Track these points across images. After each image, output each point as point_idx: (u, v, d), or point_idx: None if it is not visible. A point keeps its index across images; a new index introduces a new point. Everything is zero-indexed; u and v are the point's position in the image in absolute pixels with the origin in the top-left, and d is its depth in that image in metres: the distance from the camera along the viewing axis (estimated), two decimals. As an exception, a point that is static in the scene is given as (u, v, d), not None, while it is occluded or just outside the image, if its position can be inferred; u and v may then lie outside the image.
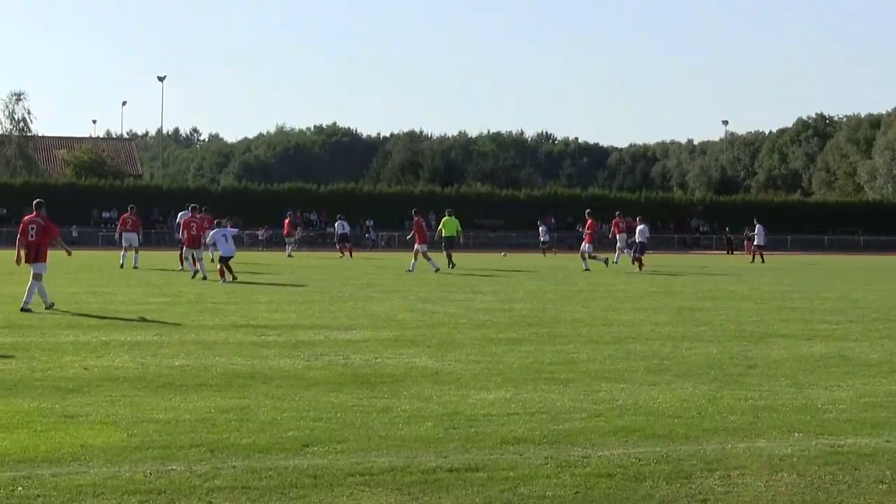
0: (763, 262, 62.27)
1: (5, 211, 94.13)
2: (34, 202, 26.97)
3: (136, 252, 45.91)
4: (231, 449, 10.48)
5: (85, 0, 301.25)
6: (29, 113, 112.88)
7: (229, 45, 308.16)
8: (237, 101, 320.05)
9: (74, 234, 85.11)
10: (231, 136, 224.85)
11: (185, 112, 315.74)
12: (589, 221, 49.96)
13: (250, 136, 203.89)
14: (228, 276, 36.38)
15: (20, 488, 8.94)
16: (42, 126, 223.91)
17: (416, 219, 48.09)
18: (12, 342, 18.61)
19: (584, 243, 49.32)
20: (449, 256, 49.58)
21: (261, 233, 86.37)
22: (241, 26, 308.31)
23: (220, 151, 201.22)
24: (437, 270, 44.28)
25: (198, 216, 42.20)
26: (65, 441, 10.69)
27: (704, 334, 21.58)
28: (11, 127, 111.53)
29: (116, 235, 46.30)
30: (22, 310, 24.26)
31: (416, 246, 46.48)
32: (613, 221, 56.04)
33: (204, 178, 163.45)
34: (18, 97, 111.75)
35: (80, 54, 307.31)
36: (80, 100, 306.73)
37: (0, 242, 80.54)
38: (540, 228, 75.46)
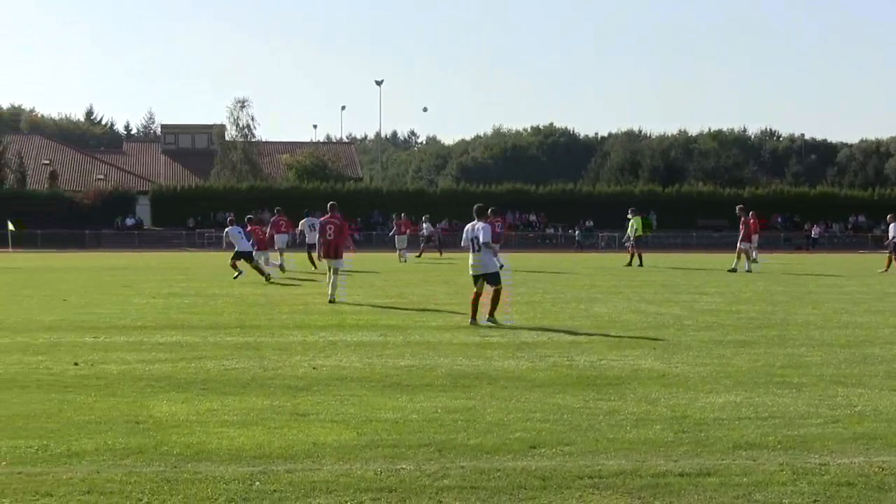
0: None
1: (231, 215, 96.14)
2: (329, 204, 29.59)
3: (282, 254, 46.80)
4: (459, 449, 10.58)
5: (305, 8, 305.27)
6: (253, 119, 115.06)
7: (445, 48, 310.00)
8: (454, 103, 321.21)
9: (296, 235, 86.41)
10: (448, 138, 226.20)
11: (402, 115, 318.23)
12: (742, 218, 47.98)
13: (467, 137, 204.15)
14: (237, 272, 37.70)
15: (257, 483, 9.18)
16: (265, 131, 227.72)
17: (400, 220, 47.91)
18: (244, 342, 19.11)
19: (742, 241, 47.27)
20: (638, 255, 50.71)
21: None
22: (456, 29, 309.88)
23: (437, 153, 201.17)
24: (405, 261, 44.19)
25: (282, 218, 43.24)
26: (297, 438, 10.95)
27: (948, 338, 20.80)
28: (237, 133, 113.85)
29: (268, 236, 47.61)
30: (329, 301, 27.30)
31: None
32: (752, 222, 52.10)
33: (422, 180, 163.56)
34: (243, 104, 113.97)
35: (300, 61, 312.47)
36: (301, 105, 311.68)
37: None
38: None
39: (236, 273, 37.42)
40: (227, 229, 40.00)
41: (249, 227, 42.85)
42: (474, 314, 22.65)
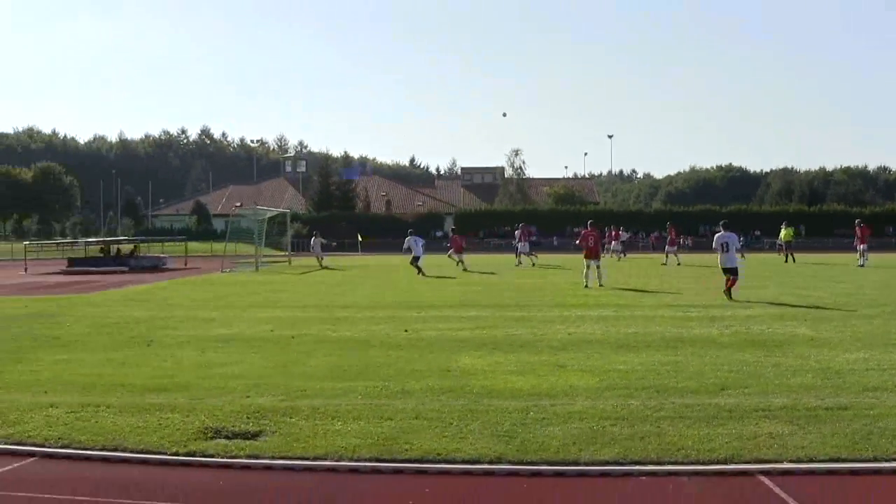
0: None
1: (508, 228, 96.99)
2: (588, 221, 31.13)
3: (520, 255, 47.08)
4: (670, 390, 10.47)
5: (560, 83, 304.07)
6: (524, 162, 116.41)
7: (662, 105, 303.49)
8: (664, 147, 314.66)
9: (555, 242, 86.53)
10: (659, 173, 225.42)
11: (627, 157, 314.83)
12: (857, 229, 46.05)
13: (672, 173, 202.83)
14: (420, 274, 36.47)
15: (531, 413, 9.26)
16: (532, 170, 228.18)
17: (453, 236, 45.85)
18: (519, 316, 19.10)
19: (860, 245, 44.98)
20: (790, 255, 49.88)
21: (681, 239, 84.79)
22: (668, 89, 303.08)
23: (651, 185, 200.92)
24: (465, 269, 40.76)
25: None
26: (558, 383, 10.97)
27: None
28: (512, 172, 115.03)
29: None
30: (599, 285, 27.94)
31: (452, 252, 43.80)
32: (860, 229, 49.14)
33: (640, 204, 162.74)
34: (517, 152, 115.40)
35: (556, 120, 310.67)
36: (556, 152, 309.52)
37: (508, 250, 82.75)
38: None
39: (419, 272, 36.78)
40: (407, 238, 40.00)
41: (452, 236, 43.25)
42: (728, 295, 23.07)
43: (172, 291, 28.62)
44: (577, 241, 29.81)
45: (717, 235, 24.00)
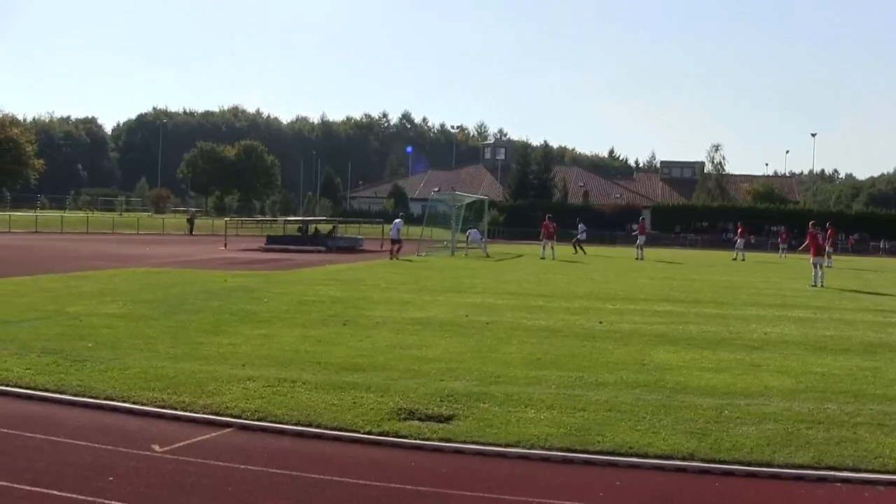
0: None
1: (706, 224, 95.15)
2: (810, 222, 31.59)
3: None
4: (869, 396, 10.08)
5: (762, 80, 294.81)
6: (723, 158, 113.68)
7: (868, 103, 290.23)
8: (869, 147, 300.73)
9: (752, 241, 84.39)
10: (862, 174, 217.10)
11: (830, 157, 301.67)
12: (830, 231, 46.80)
13: (875, 174, 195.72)
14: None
15: (725, 411, 9.09)
16: (732, 167, 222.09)
17: (545, 222, 45.64)
18: (715, 313, 18.68)
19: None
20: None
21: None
22: (874, 86, 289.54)
23: (852, 185, 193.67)
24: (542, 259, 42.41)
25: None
26: (753, 382, 10.73)
27: None
28: (712, 168, 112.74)
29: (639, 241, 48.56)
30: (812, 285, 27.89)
31: (545, 240, 45.19)
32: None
33: (841, 205, 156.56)
34: (717, 147, 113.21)
35: (759, 117, 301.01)
36: (757, 149, 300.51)
37: (703, 244, 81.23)
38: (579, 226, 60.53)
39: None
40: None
41: (544, 222, 45.27)
42: None
43: (368, 273, 29.12)
44: (807, 241, 29.98)
45: None
